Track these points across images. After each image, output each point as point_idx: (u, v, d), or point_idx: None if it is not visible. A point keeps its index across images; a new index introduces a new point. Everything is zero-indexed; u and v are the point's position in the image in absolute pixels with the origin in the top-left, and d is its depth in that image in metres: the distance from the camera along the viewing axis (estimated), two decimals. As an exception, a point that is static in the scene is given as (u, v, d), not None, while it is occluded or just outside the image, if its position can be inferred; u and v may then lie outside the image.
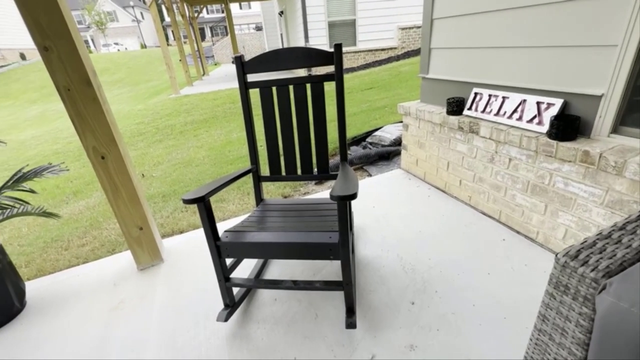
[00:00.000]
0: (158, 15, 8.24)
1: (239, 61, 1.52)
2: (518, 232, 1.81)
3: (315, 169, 1.67)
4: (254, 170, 1.68)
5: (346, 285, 1.25)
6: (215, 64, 18.78)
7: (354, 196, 1.03)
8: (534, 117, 1.60)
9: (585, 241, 0.72)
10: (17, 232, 2.72)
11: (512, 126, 1.71)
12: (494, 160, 1.86)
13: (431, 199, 2.27)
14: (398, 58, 9.85)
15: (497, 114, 1.79)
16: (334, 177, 1.63)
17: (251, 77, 1.60)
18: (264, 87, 1.59)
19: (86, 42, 34.63)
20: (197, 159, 3.91)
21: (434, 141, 2.31)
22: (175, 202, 2.80)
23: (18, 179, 1.57)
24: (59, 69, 1.37)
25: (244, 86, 1.58)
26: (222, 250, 1.28)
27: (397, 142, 3.24)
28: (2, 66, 15.91)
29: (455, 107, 2.03)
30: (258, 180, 1.71)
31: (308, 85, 1.56)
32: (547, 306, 0.72)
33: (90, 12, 32.24)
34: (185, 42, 16.46)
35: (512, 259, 1.63)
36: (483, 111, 1.88)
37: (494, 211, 1.94)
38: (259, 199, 1.73)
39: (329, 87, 1.47)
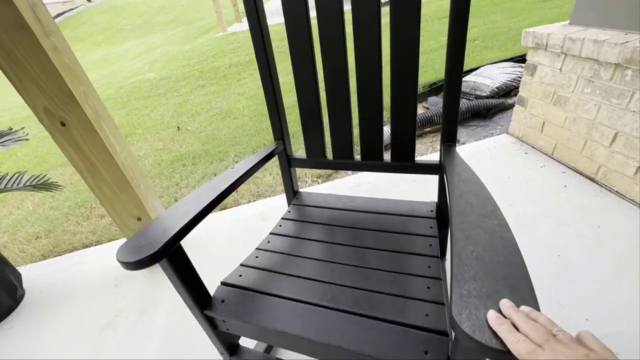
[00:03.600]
0: None
1: None
2: None
3: (389, 152, 0.94)
4: (281, 150, 1.00)
5: None
6: (268, -3, 17.26)
7: None
8: None
9: None
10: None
11: None
12: None
13: (570, 191, 1.41)
14: (489, -27, 7.62)
15: None
16: (427, 170, 0.91)
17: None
18: None
19: (145, -20, 34.40)
20: (236, 109, 3.35)
21: (591, 95, 1.35)
22: (204, 167, 2.33)
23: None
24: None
25: None
26: (217, 323, 0.70)
27: (502, 93, 2.24)
28: (71, 9, 16.57)
29: (670, 28, 1.05)
30: (288, 164, 1.04)
31: None
32: None
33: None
34: (235, -28, 15.15)
35: None
36: None
37: None
38: (290, 192, 1.08)
39: None
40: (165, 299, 1.27)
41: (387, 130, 1.90)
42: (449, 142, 0.82)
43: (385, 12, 0.68)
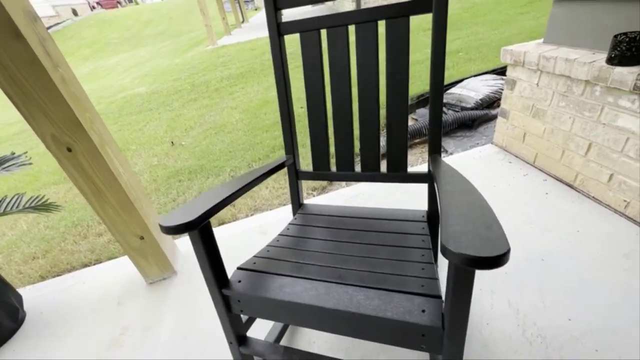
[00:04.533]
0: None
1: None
2: None
3: (385, 164, 1.03)
4: (290, 163, 1.09)
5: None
6: (256, 9, 17.54)
7: (503, 260, 0.43)
8: None
9: None
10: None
11: None
12: None
13: (552, 198, 1.50)
14: (470, -14, 7.94)
15: None
16: (418, 179, 0.99)
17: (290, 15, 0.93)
18: (308, 31, 0.93)
19: (132, -7, 34.45)
20: (230, 123, 3.41)
21: (565, 108, 1.46)
22: (201, 182, 2.37)
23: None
24: (-40, 11, 0.82)
25: (277, 31, 0.93)
26: (232, 304, 0.78)
27: (486, 104, 2.36)
28: (58, 23, 16.48)
29: (631, 50, 1.16)
30: (296, 176, 1.12)
31: (382, 24, 0.87)
32: None
33: (132, -41, 31.57)
34: (223, -15, 15.33)
35: None
36: None
37: (684, 235, 1.15)
38: (296, 203, 1.16)
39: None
40: (169, 315, 1.30)
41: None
42: (435, 152, 0.92)
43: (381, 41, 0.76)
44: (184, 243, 1.68)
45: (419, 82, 3.25)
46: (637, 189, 1.26)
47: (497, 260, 0.42)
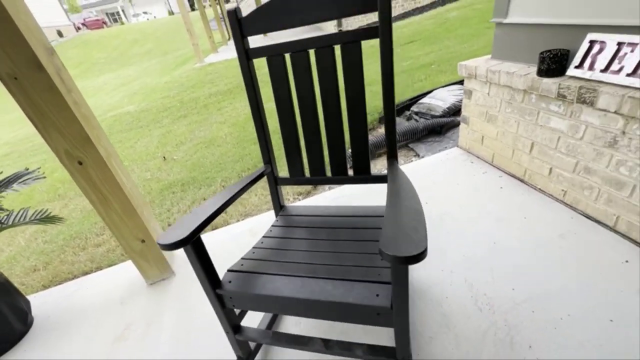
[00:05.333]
0: (175, -25, 7.65)
1: (233, 17, 1.03)
2: (649, 250, 1.25)
3: (351, 168, 1.21)
4: (269, 172, 1.26)
5: None
6: (241, 27, 17.92)
7: (420, 257, 0.56)
8: None
9: None
10: (42, 226, 2.64)
11: (664, 93, 1.09)
12: (616, 144, 1.25)
13: (505, 191, 1.72)
14: (443, 2, 8.48)
15: (634, 73, 1.16)
16: (379, 180, 1.17)
17: (260, 41, 1.12)
18: (274, 56, 1.10)
19: (117, 14, 34.84)
20: (219, 137, 3.58)
21: (511, 113, 1.70)
22: (194, 192, 2.52)
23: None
24: (-7, 49, 0.99)
25: (245, 56, 1.10)
26: (225, 301, 0.93)
27: (452, 112, 2.61)
28: (43, 45, 16.48)
29: (554, 64, 1.40)
30: (275, 182, 1.29)
31: (338, 48, 1.05)
32: None
33: (117, -19, 32.05)
34: (209, 6, 15.72)
35: (648, 296, 1.10)
36: (605, 70, 1.24)
37: (607, 216, 1.37)
38: (277, 206, 1.32)
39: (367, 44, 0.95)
40: (170, 312, 1.43)
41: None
42: (392, 157, 1.10)
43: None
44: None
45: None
46: (573, 180, 1.49)
47: (417, 257, 0.55)
